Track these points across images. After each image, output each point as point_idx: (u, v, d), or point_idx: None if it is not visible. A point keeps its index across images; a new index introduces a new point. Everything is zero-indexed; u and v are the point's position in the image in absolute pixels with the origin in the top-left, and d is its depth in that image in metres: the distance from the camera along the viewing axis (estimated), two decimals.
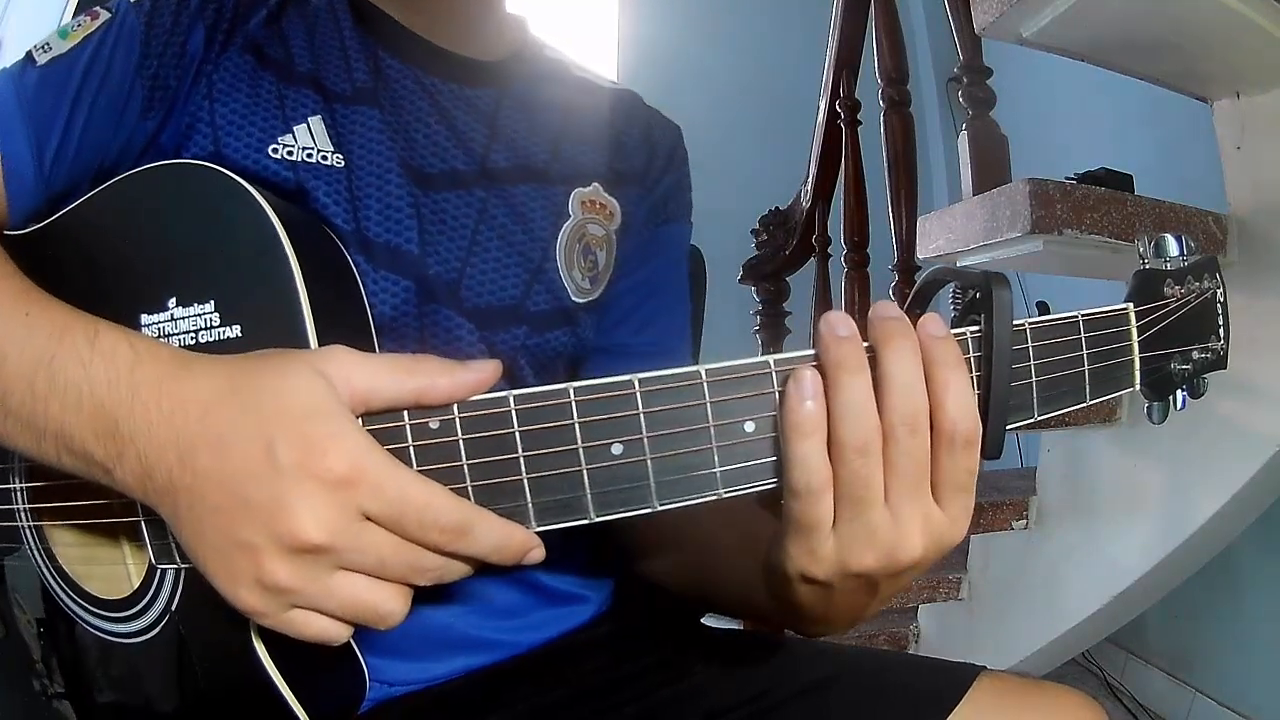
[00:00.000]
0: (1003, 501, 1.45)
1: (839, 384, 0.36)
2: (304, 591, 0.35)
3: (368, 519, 0.35)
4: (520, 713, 0.57)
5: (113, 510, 0.45)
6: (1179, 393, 0.45)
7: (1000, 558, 1.52)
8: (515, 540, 0.37)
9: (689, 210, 0.73)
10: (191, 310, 0.43)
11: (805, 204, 1.86)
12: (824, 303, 1.83)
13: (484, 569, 0.38)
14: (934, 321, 0.37)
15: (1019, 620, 1.49)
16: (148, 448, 0.36)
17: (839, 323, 0.36)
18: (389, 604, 0.36)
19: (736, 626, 1.62)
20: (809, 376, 0.36)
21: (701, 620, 0.69)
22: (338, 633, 0.37)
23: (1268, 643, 1.64)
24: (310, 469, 0.34)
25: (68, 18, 1.84)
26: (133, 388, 0.37)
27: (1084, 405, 0.41)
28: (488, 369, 0.37)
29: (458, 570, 0.37)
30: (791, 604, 0.42)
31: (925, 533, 0.37)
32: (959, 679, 0.53)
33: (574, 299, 0.62)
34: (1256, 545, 1.54)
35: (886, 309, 0.37)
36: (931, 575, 1.58)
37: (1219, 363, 0.45)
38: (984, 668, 0.55)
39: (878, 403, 0.36)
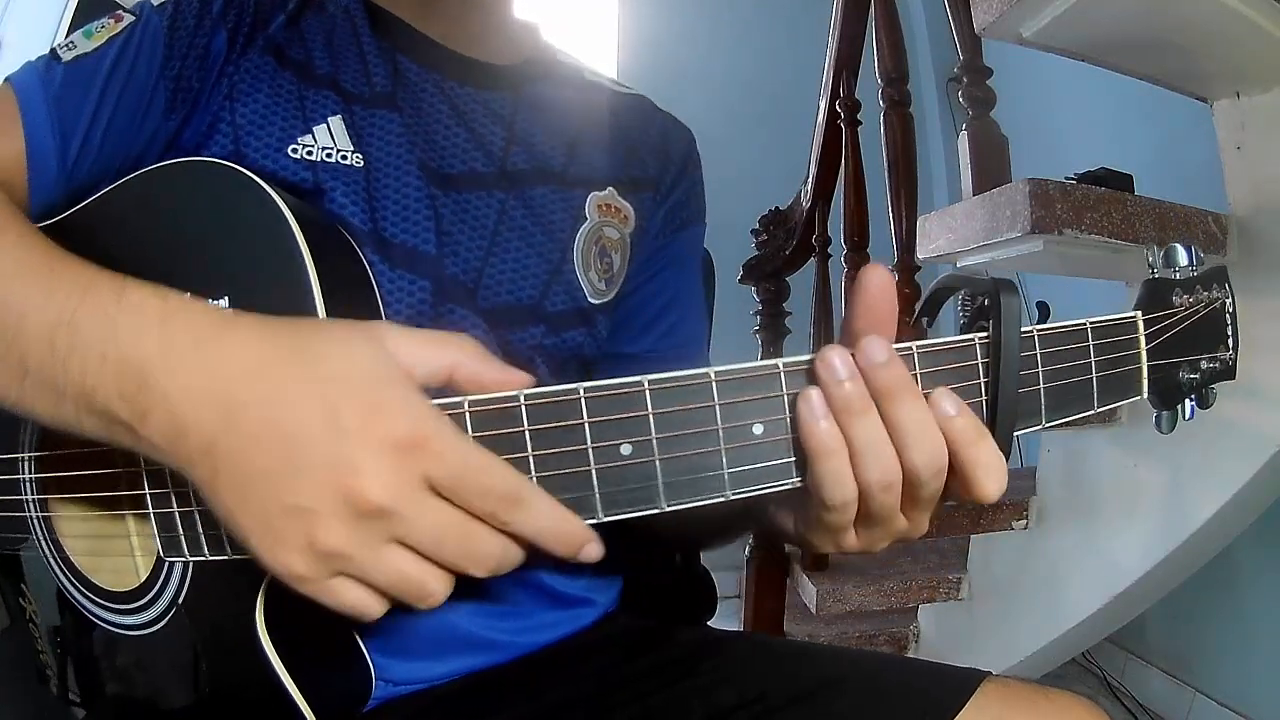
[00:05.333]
0: (1003, 501, 1.45)
1: (849, 426, 0.36)
2: (355, 557, 0.34)
3: (430, 488, 0.34)
4: (522, 713, 0.57)
5: (121, 502, 0.45)
6: (1187, 402, 0.45)
7: (1000, 558, 1.52)
8: (571, 526, 0.36)
9: (703, 213, 0.73)
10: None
11: (805, 204, 1.86)
12: (824, 303, 1.83)
13: (539, 560, 0.37)
14: (948, 398, 0.38)
15: (1019, 620, 1.49)
16: (182, 406, 0.34)
17: (838, 365, 0.36)
18: (433, 583, 0.35)
19: (738, 629, 1.62)
20: (815, 397, 0.36)
21: (706, 623, 0.69)
22: (374, 607, 0.36)
23: (1268, 643, 1.64)
24: (375, 432, 0.33)
25: (67, 18, 1.84)
26: (164, 344, 0.35)
27: (1092, 413, 0.42)
28: (518, 378, 0.37)
29: (514, 556, 0.36)
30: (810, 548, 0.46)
31: (935, 516, 0.41)
32: (963, 684, 0.53)
33: (590, 300, 0.62)
34: (1256, 545, 1.54)
35: (875, 352, 0.36)
36: (931, 575, 1.58)
37: (1227, 373, 0.46)
38: (989, 673, 0.54)
39: (898, 452, 0.37)
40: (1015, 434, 0.39)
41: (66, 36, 0.53)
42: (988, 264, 1.19)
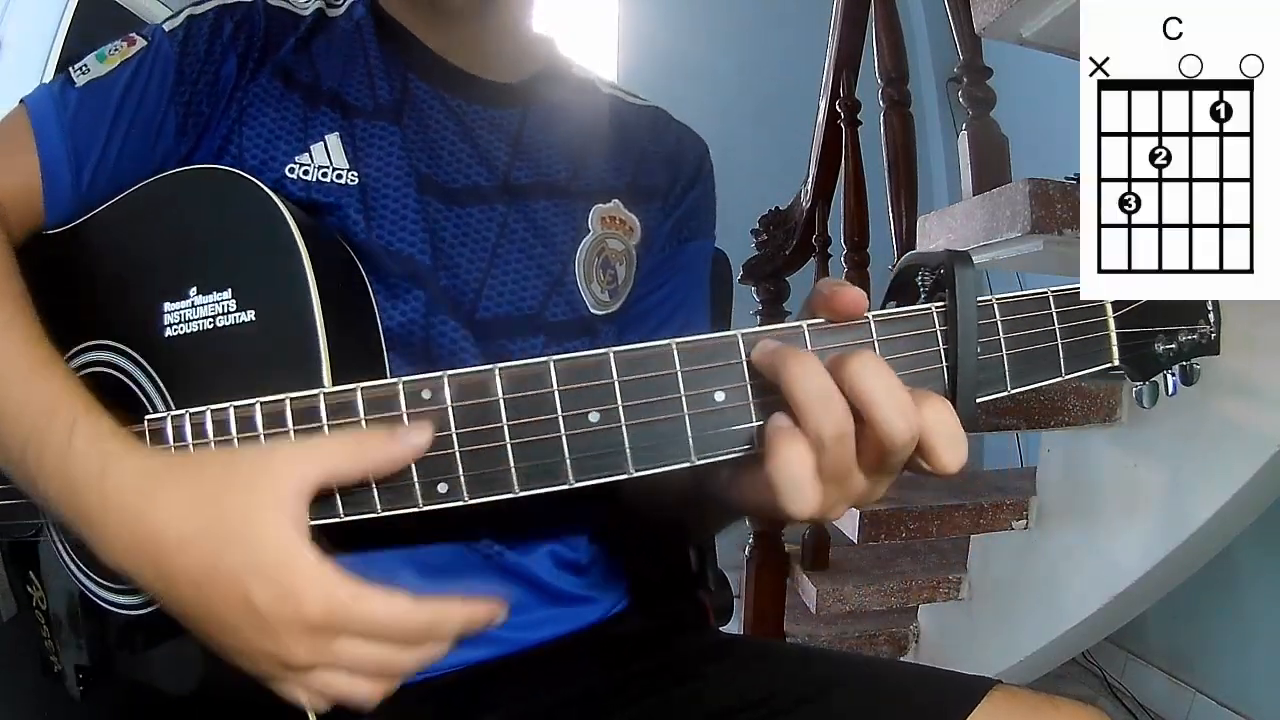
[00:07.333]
0: (1003, 501, 1.45)
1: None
2: (305, 682, 0.40)
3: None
4: (518, 710, 0.57)
5: None
6: (1169, 377, 0.45)
7: (1000, 558, 1.52)
8: (479, 614, 0.41)
9: (712, 226, 0.73)
10: (211, 297, 0.46)
11: (805, 204, 1.86)
12: None
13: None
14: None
15: (1019, 620, 1.49)
16: (123, 562, 0.39)
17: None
18: (370, 686, 0.41)
19: (738, 629, 1.62)
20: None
21: (711, 625, 0.69)
22: (362, 693, 0.41)
23: (1268, 643, 1.64)
24: (287, 615, 0.38)
25: (67, 19, 1.84)
26: (102, 500, 0.39)
27: (1061, 380, 0.42)
28: (425, 433, 0.39)
29: (438, 657, 0.42)
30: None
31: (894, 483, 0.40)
32: (969, 692, 0.53)
33: (592, 310, 0.62)
34: (1256, 545, 1.54)
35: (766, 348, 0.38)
36: (931, 575, 1.58)
37: (1210, 347, 0.45)
38: (997, 681, 0.54)
39: (866, 410, 0.35)
40: (979, 400, 0.40)
41: (80, 60, 0.55)
42: (988, 264, 1.19)
